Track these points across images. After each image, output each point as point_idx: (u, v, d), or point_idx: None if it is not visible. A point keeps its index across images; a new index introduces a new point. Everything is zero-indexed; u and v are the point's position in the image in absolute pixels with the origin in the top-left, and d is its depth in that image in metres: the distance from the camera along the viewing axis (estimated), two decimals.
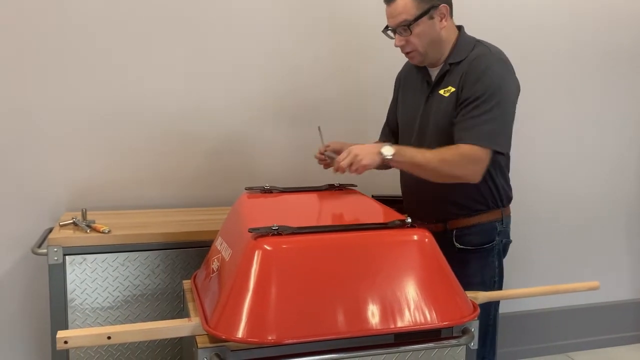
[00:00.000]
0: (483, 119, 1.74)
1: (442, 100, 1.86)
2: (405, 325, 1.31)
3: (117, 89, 2.42)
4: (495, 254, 1.94)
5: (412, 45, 1.84)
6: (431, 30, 1.82)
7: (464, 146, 1.73)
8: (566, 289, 1.74)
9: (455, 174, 1.74)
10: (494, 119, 1.74)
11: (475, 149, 1.73)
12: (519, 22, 2.88)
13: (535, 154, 3.02)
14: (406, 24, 1.79)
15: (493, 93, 1.75)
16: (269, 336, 1.23)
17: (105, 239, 2.03)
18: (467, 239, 1.88)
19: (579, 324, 3.14)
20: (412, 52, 1.86)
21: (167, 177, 2.52)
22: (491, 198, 1.90)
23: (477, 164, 1.74)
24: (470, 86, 1.77)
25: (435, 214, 1.63)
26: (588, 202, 3.13)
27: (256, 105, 2.58)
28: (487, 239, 1.91)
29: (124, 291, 2.06)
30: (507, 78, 1.82)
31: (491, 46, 1.88)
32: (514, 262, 2.95)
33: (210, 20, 2.49)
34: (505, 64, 1.84)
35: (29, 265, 2.37)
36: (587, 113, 3.08)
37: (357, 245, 1.37)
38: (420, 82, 1.97)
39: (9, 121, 2.32)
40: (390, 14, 1.83)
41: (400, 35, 1.83)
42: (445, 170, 1.73)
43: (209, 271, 1.57)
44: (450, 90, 1.84)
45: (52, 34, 2.33)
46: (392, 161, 1.72)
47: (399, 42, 1.85)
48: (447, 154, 1.73)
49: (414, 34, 1.81)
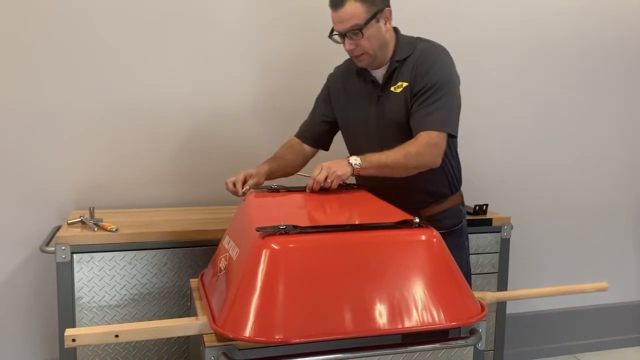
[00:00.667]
0: (436, 106, 1.85)
1: (395, 97, 1.92)
2: (413, 326, 1.30)
3: (125, 88, 2.43)
4: (464, 234, 2.09)
5: (362, 49, 1.87)
6: (379, 33, 1.87)
7: (422, 134, 1.84)
8: (574, 289, 1.73)
9: (420, 164, 1.85)
10: (445, 106, 1.86)
11: (432, 135, 1.83)
12: (526, 22, 2.87)
13: (544, 155, 3.01)
14: (357, 28, 1.82)
15: (443, 82, 1.86)
16: (276, 335, 1.23)
17: (113, 238, 2.04)
18: (440, 224, 1.91)
19: (586, 325, 3.13)
20: (363, 55, 1.90)
21: (175, 176, 2.53)
22: (452, 182, 2.04)
23: (436, 148, 1.85)
24: (422, 78, 1.87)
25: (409, 205, 1.66)
26: (596, 204, 3.11)
27: (264, 105, 2.58)
28: (456, 221, 2.04)
29: (131, 289, 2.07)
30: (452, 69, 1.92)
31: (432, 41, 1.96)
32: (522, 263, 2.96)
33: (216, 18, 2.49)
34: (449, 56, 1.93)
35: (37, 263, 2.38)
36: (599, 113, 3.06)
37: (365, 244, 1.37)
38: (364, 85, 2.00)
39: (18, 121, 2.33)
40: (338, 19, 1.84)
41: (350, 39, 1.86)
42: (412, 163, 1.82)
43: (216, 270, 1.57)
44: (402, 85, 1.91)
45: (62, 35, 2.34)
46: (361, 169, 1.79)
47: (349, 46, 1.87)
48: (409, 148, 1.82)
49: (365, 38, 1.84)
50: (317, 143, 2.14)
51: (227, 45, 2.52)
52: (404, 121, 1.91)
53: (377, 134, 1.98)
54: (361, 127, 2.02)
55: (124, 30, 2.40)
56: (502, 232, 2.51)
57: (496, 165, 2.94)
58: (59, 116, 2.37)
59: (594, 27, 2.97)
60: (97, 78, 2.39)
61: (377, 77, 1.97)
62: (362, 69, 1.98)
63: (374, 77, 1.97)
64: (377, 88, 1.96)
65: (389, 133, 1.95)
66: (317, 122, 2.13)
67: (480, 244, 2.48)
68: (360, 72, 2.00)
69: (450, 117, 1.88)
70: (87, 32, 2.36)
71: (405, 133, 1.92)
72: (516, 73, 2.91)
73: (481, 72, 2.84)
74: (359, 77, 2.01)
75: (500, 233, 2.50)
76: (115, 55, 2.40)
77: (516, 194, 2.96)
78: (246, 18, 2.53)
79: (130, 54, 2.42)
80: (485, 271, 2.50)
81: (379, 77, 1.96)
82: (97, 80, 2.39)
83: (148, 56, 2.44)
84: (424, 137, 1.83)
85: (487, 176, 2.91)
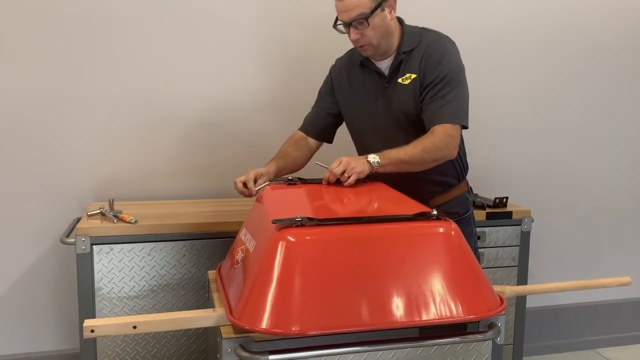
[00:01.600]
0: (448, 98, 1.85)
1: (403, 88, 1.91)
2: (431, 319, 1.29)
3: (145, 83, 2.44)
4: (472, 222, 2.10)
5: (367, 39, 1.86)
6: (384, 22, 1.86)
7: (437, 128, 1.83)
8: (596, 284, 1.70)
9: (438, 157, 1.85)
10: (457, 97, 1.86)
11: (447, 127, 1.83)
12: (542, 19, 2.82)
13: (566, 147, 2.97)
14: (363, 17, 1.81)
15: (454, 74, 1.87)
16: (293, 327, 1.22)
17: (132, 229, 2.05)
18: (449, 213, 1.89)
19: (608, 319, 3.09)
20: (366, 45, 1.88)
21: (193, 169, 2.54)
22: (460, 171, 2.05)
23: (452, 140, 1.85)
24: (432, 69, 1.87)
25: (417, 195, 1.65)
26: (619, 196, 3.06)
27: (280, 99, 2.58)
28: (464, 210, 2.05)
29: (150, 281, 2.08)
30: (460, 59, 1.92)
31: (438, 31, 1.95)
32: (543, 257, 2.92)
33: (240, 13, 2.49)
34: (455, 45, 1.93)
35: (57, 255, 2.41)
36: (624, 105, 3.01)
37: (382, 237, 1.35)
38: (368, 76, 1.99)
39: (39, 112, 2.36)
40: (343, 8, 1.82)
41: (355, 29, 1.84)
42: (430, 156, 1.83)
43: (233, 262, 1.58)
44: (410, 77, 1.90)
45: (84, 28, 2.36)
46: (380, 167, 1.79)
47: (354, 36, 1.86)
48: (426, 142, 1.82)
49: (370, 27, 1.83)
50: (322, 136, 2.12)
51: (244, 42, 2.52)
52: (412, 112, 1.91)
53: (383, 125, 1.97)
54: (367, 119, 2.01)
55: (144, 25, 2.41)
56: (522, 225, 2.48)
57: (516, 157, 2.90)
58: (79, 109, 2.39)
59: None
60: (118, 72, 2.41)
61: (382, 68, 1.95)
62: (365, 61, 1.97)
63: (378, 69, 1.96)
64: (383, 79, 1.95)
65: (396, 124, 1.95)
66: (321, 115, 2.11)
67: (500, 237, 2.45)
68: (364, 63, 1.98)
69: (463, 108, 1.88)
70: (108, 26, 2.37)
71: (412, 123, 1.92)
72: (537, 63, 2.86)
73: (500, 62, 2.80)
74: (363, 69, 2.00)
75: (521, 226, 2.47)
76: (134, 50, 2.41)
77: (537, 187, 2.93)
78: (256, 13, 2.52)
79: (149, 49, 2.43)
80: (505, 264, 2.47)
81: (384, 68, 1.95)
82: (118, 74, 2.41)
83: (166, 51, 2.45)
84: (439, 130, 1.83)
85: (507, 168, 2.88)
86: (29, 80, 2.33)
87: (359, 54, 1.96)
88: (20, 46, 2.31)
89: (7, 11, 2.28)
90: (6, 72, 2.31)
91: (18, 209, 2.38)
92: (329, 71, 2.13)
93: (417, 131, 1.89)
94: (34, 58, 2.33)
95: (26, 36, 2.31)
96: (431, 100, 1.86)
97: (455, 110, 1.85)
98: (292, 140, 2.11)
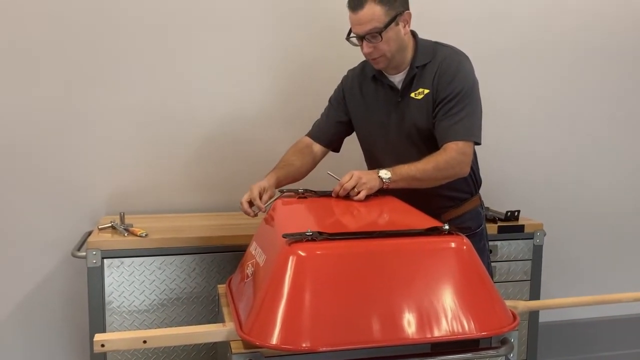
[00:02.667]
0: (462, 115, 1.84)
1: (416, 103, 1.91)
2: (443, 335, 1.27)
3: (155, 96, 2.46)
4: (484, 237, 2.08)
5: (380, 52, 1.85)
6: (397, 36, 1.85)
7: (450, 145, 1.82)
8: (612, 299, 1.68)
9: (449, 175, 1.85)
10: (470, 114, 1.85)
11: (460, 145, 1.83)
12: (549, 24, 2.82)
13: (579, 160, 2.95)
14: (377, 31, 1.80)
15: (467, 90, 1.86)
16: (303, 343, 1.21)
17: (143, 243, 2.05)
18: (461, 228, 1.87)
19: (624, 334, 3.04)
20: (380, 58, 1.87)
21: (204, 182, 2.54)
22: (473, 185, 2.04)
23: (465, 157, 1.84)
24: (446, 85, 1.86)
25: (429, 210, 1.63)
26: (633, 210, 3.04)
27: (290, 112, 2.58)
28: (476, 224, 2.04)
29: (160, 294, 2.08)
30: (474, 74, 1.91)
31: (452, 46, 1.94)
32: (555, 271, 2.89)
33: (248, 29, 2.50)
34: (469, 61, 1.92)
35: (69, 268, 2.42)
36: (637, 118, 2.98)
37: (393, 252, 1.34)
38: (381, 90, 1.98)
39: (51, 125, 2.37)
40: (357, 21, 1.81)
41: (369, 42, 1.83)
42: (442, 174, 1.82)
43: (243, 276, 1.57)
44: (423, 92, 1.90)
45: (96, 39, 2.38)
46: (391, 183, 1.78)
47: (367, 49, 1.84)
48: (439, 159, 1.81)
49: (384, 41, 1.82)
50: (330, 144, 2.11)
51: (252, 56, 2.53)
52: (424, 127, 1.90)
53: (395, 139, 1.97)
54: (379, 132, 2.00)
55: (155, 41, 2.42)
56: (534, 239, 2.45)
57: (529, 171, 2.88)
58: (91, 123, 2.41)
59: None
60: (130, 87, 2.42)
61: (395, 82, 1.95)
62: (378, 74, 1.97)
63: (391, 82, 1.95)
64: (396, 94, 1.94)
65: (408, 139, 1.94)
66: (332, 123, 2.09)
67: (512, 251, 2.43)
68: (376, 76, 1.98)
69: (476, 125, 1.88)
70: (120, 42, 2.39)
71: (423, 138, 1.91)
72: (547, 76, 2.85)
73: (512, 76, 2.79)
74: (375, 82, 1.99)
75: (533, 240, 2.45)
76: (145, 65, 2.43)
77: (549, 200, 2.90)
78: (264, 28, 2.53)
79: (160, 65, 2.44)
80: (517, 279, 2.45)
81: (397, 82, 1.94)
82: (130, 89, 2.42)
83: (176, 66, 2.46)
84: (452, 148, 1.82)
85: (520, 182, 2.86)
86: (43, 93, 2.35)
87: (371, 67, 1.96)
88: (34, 58, 2.33)
89: (25, 20, 2.30)
90: (20, 84, 2.33)
91: (29, 222, 2.39)
92: (341, 81, 2.12)
93: (429, 146, 1.89)
94: (48, 71, 2.35)
95: (40, 49, 2.33)
96: (444, 117, 1.85)
97: (468, 128, 1.84)
98: (297, 147, 2.09)
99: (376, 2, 1.78)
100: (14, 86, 2.32)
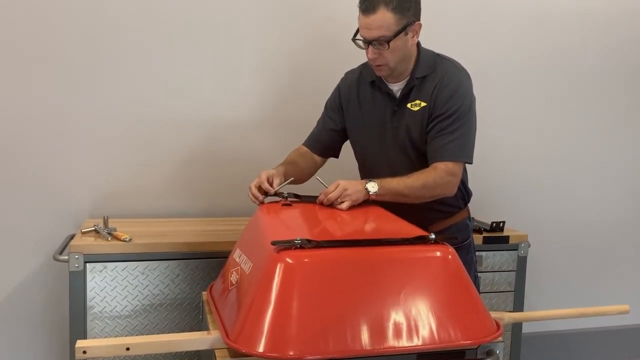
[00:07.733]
0: (456, 134, 1.82)
1: (412, 114, 1.89)
2: (428, 344, 1.27)
3: (141, 100, 2.44)
4: (472, 249, 2.07)
5: (384, 59, 1.82)
6: (404, 46, 1.82)
7: (439, 165, 1.82)
8: (594, 312, 1.69)
9: (436, 194, 1.84)
10: (464, 134, 1.84)
11: (450, 166, 1.82)
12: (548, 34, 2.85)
13: (563, 172, 2.97)
14: (385, 39, 1.76)
15: (464, 110, 1.84)
16: (290, 351, 1.20)
17: (126, 247, 2.03)
18: (449, 240, 1.88)
19: (606, 345, 3.06)
20: (383, 66, 1.85)
21: (189, 187, 2.52)
22: (461, 198, 2.02)
23: (453, 178, 1.84)
24: (443, 103, 1.83)
25: (417, 222, 1.63)
26: (616, 222, 3.07)
27: (279, 117, 2.57)
28: (463, 237, 2.01)
29: (143, 300, 2.06)
30: (472, 93, 1.89)
31: (453, 60, 1.92)
32: (539, 282, 2.91)
33: (242, 29, 2.50)
34: (469, 79, 1.90)
35: (50, 272, 2.38)
36: (622, 130, 3.03)
37: (380, 260, 1.34)
38: (379, 96, 1.95)
39: (35, 128, 2.34)
40: (367, 25, 1.76)
41: (375, 48, 1.79)
42: (429, 193, 1.82)
43: (227, 284, 1.55)
44: (420, 104, 1.88)
45: (82, 41, 2.35)
46: (376, 196, 1.77)
47: (372, 55, 1.81)
48: (427, 178, 1.81)
49: (390, 49, 1.79)
50: (326, 153, 2.09)
51: (241, 61, 2.52)
52: (417, 139, 1.89)
53: (389, 147, 1.95)
54: (373, 140, 1.98)
55: (142, 43, 2.41)
56: (519, 250, 2.47)
57: (514, 182, 2.90)
58: (75, 125, 2.38)
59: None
60: (115, 89, 2.40)
61: (394, 90, 1.92)
62: (378, 80, 1.94)
63: (390, 90, 1.93)
64: (394, 102, 1.92)
65: (401, 149, 1.93)
66: (326, 130, 2.07)
67: (497, 262, 2.44)
68: (375, 82, 1.95)
69: (468, 146, 1.86)
70: (106, 43, 2.37)
71: (416, 150, 1.91)
72: (534, 88, 2.88)
73: (497, 87, 2.81)
74: (373, 87, 1.96)
75: (517, 251, 2.47)
76: (131, 67, 2.41)
77: (534, 211, 2.92)
78: (255, 32, 2.53)
79: (146, 67, 2.42)
80: (502, 289, 2.46)
81: (396, 90, 1.92)
82: (114, 91, 2.40)
83: (162, 69, 2.44)
84: (441, 168, 1.81)
85: (505, 193, 2.88)
86: (26, 95, 2.32)
87: (371, 72, 1.92)
88: (16, 60, 2.30)
89: (6, 24, 2.27)
90: (2, 86, 2.29)
91: (10, 224, 2.35)
92: (338, 84, 2.08)
93: (421, 158, 1.88)
94: (31, 73, 2.32)
95: (23, 50, 2.30)
96: (437, 134, 1.83)
97: (460, 149, 1.83)
98: (298, 152, 2.08)
99: (389, 8, 1.73)
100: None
